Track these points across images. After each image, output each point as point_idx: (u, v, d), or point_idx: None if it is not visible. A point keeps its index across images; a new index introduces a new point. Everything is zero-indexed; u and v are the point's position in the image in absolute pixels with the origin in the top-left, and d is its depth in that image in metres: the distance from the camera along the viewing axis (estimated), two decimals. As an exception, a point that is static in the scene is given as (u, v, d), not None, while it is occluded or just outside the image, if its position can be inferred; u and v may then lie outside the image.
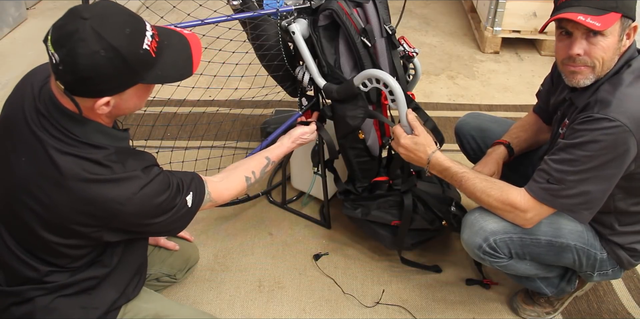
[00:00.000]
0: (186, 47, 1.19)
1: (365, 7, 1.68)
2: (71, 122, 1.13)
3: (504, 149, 1.72)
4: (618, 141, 1.27)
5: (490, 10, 3.28)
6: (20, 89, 1.24)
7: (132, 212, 1.16)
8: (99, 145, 1.14)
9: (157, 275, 1.71)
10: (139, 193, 1.15)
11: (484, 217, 1.50)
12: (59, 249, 1.20)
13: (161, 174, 1.22)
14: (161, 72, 1.13)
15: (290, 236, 2.08)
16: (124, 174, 1.14)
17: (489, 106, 2.90)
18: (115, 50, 1.04)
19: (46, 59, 1.11)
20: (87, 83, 1.06)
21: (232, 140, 2.45)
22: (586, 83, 1.38)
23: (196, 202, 1.30)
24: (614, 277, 1.62)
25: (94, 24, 1.03)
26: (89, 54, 1.02)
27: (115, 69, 1.05)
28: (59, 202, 1.13)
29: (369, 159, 1.85)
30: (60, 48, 1.03)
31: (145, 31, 1.10)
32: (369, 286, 1.88)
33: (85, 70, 1.03)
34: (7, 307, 1.27)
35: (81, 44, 1.02)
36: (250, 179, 1.53)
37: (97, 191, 1.12)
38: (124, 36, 1.05)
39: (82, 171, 1.11)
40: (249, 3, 1.67)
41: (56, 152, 1.11)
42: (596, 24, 1.28)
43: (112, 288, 1.33)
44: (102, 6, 1.08)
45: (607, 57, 1.33)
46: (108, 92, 1.09)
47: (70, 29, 1.03)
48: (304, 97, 1.87)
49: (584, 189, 1.33)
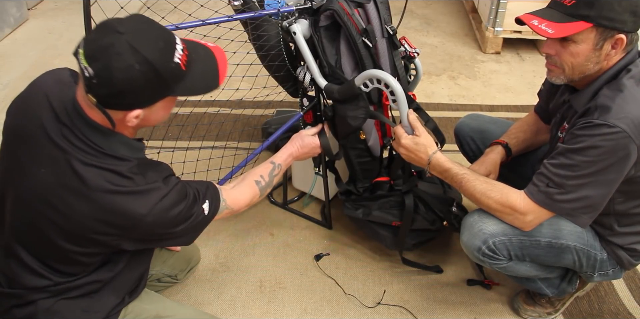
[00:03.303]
0: (212, 60, 1.22)
1: (367, 8, 1.68)
2: (96, 133, 1.14)
3: (501, 149, 1.72)
4: (618, 146, 1.27)
5: (491, 11, 3.28)
6: (30, 98, 1.23)
7: (152, 222, 1.17)
8: (122, 157, 1.16)
9: (159, 276, 1.71)
10: (159, 204, 1.16)
11: (483, 219, 1.50)
12: (75, 257, 1.21)
13: (179, 184, 1.23)
14: (190, 84, 1.15)
15: (292, 237, 2.08)
16: (146, 186, 1.16)
17: (490, 107, 2.90)
18: (150, 64, 1.06)
19: (47, 59, 1.12)
20: (120, 96, 1.07)
21: (234, 140, 2.45)
22: (557, 82, 1.42)
23: (212, 210, 1.32)
24: (614, 277, 1.62)
25: (129, 38, 1.04)
26: (124, 68, 1.04)
27: (148, 82, 1.07)
28: (80, 212, 1.14)
29: (370, 160, 1.85)
30: (94, 62, 1.04)
31: (176, 45, 1.12)
32: (370, 287, 1.88)
33: (120, 84, 1.05)
34: (9, 309, 1.27)
35: (117, 58, 1.03)
36: (261, 182, 1.54)
37: (120, 202, 1.13)
38: (157, 50, 1.07)
39: (106, 182, 1.12)
40: (250, 3, 1.67)
41: (80, 164, 1.12)
42: (549, 30, 1.30)
43: (114, 293, 1.34)
44: (135, 21, 1.10)
45: (576, 62, 1.34)
46: (140, 105, 1.12)
47: (105, 43, 1.04)
48: (305, 97, 1.88)
49: (583, 194, 1.33)
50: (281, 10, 1.64)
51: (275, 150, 2.43)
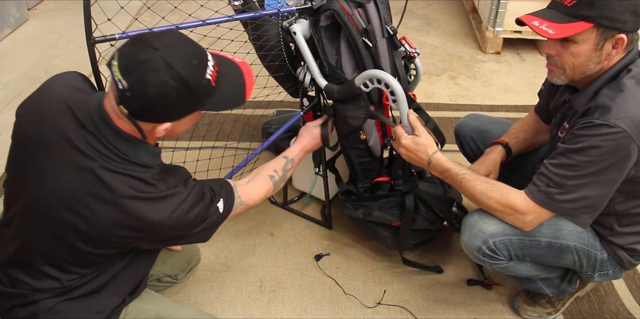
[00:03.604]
0: (240, 76, 1.28)
1: (367, 8, 1.68)
2: (123, 142, 1.17)
3: (501, 149, 1.72)
4: (618, 146, 1.27)
5: (491, 11, 3.28)
6: (43, 103, 1.23)
7: (171, 225, 1.19)
8: (146, 164, 1.19)
9: (159, 276, 1.71)
10: (179, 208, 1.19)
11: (483, 219, 1.50)
12: (92, 258, 1.23)
13: (196, 186, 1.26)
14: (218, 100, 1.20)
15: (292, 237, 2.08)
16: (167, 192, 1.19)
17: (490, 107, 2.90)
18: (183, 80, 1.09)
19: (47, 59, 1.12)
20: (153, 110, 1.12)
21: (234, 140, 2.45)
22: (559, 82, 1.42)
23: (227, 208, 1.33)
24: (614, 277, 1.62)
25: (165, 54, 1.08)
26: (158, 83, 1.07)
27: (181, 97, 1.11)
28: (103, 217, 1.15)
29: (370, 160, 1.85)
30: (129, 75, 1.07)
31: (208, 61, 1.16)
32: (370, 287, 1.88)
33: (154, 98, 1.09)
34: (11, 308, 1.27)
35: (152, 73, 1.07)
36: (274, 177, 1.56)
37: (143, 208, 1.16)
38: (191, 67, 1.11)
39: (130, 188, 1.15)
40: (250, 3, 1.67)
41: (105, 171, 1.14)
42: (550, 31, 1.30)
43: (117, 292, 1.34)
44: (170, 37, 1.13)
45: (577, 62, 1.34)
46: (170, 119, 1.16)
47: (141, 58, 1.07)
48: (305, 97, 1.88)
49: (584, 194, 1.33)
50: (281, 11, 1.64)
51: (276, 150, 2.45)
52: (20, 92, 2.92)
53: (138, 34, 1.14)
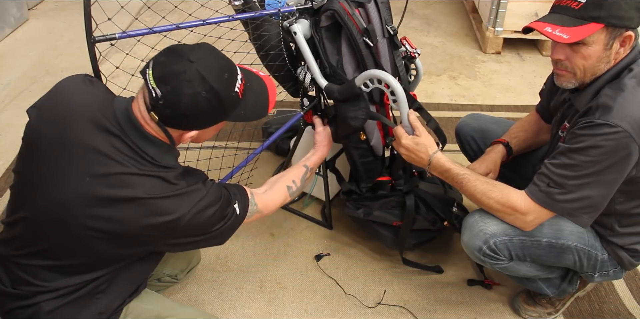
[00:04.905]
0: (264, 90, 1.35)
1: (367, 7, 1.68)
2: (150, 146, 1.20)
3: (502, 148, 1.72)
4: (619, 146, 1.27)
5: (491, 11, 3.29)
6: (57, 107, 1.23)
7: (190, 221, 1.20)
8: (170, 166, 1.23)
9: (159, 275, 1.71)
10: (198, 204, 1.21)
11: (483, 219, 1.49)
12: (108, 261, 1.25)
13: (214, 185, 1.29)
14: (244, 112, 1.26)
15: (292, 237, 2.08)
16: (187, 188, 1.22)
17: (491, 107, 2.90)
18: (215, 92, 1.15)
19: (47, 59, 1.12)
20: (183, 118, 1.17)
21: (234, 140, 2.44)
22: (569, 86, 1.41)
23: (242, 211, 1.35)
24: (615, 277, 1.62)
25: (200, 67, 1.13)
26: (192, 94, 1.13)
27: (210, 108, 1.17)
28: (126, 217, 1.16)
29: (373, 159, 1.85)
30: (163, 85, 1.12)
31: (237, 75, 1.22)
32: (370, 287, 1.88)
33: (186, 108, 1.14)
34: (12, 309, 1.27)
35: (186, 84, 1.12)
36: (292, 187, 1.58)
37: (165, 204, 1.18)
38: (223, 80, 1.17)
39: (154, 188, 1.18)
40: (250, 3, 1.67)
41: (129, 172, 1.16)
42: (564, 36, 1.29)
43: (118, 294, 1.34)
44: (205, 50, 1.19)
45: (588, 65, 1.34)
46: (198, 127, 1.23)
47: (177, 69, 1.12)
48: (305, 97, 1.87)
49: (584, 193, 1.33)
50: (282, 11, 1.64)
51: (276, 150, 2.45)
52: (20, 92, 2.92)
53: (173, 45, 1.20)
